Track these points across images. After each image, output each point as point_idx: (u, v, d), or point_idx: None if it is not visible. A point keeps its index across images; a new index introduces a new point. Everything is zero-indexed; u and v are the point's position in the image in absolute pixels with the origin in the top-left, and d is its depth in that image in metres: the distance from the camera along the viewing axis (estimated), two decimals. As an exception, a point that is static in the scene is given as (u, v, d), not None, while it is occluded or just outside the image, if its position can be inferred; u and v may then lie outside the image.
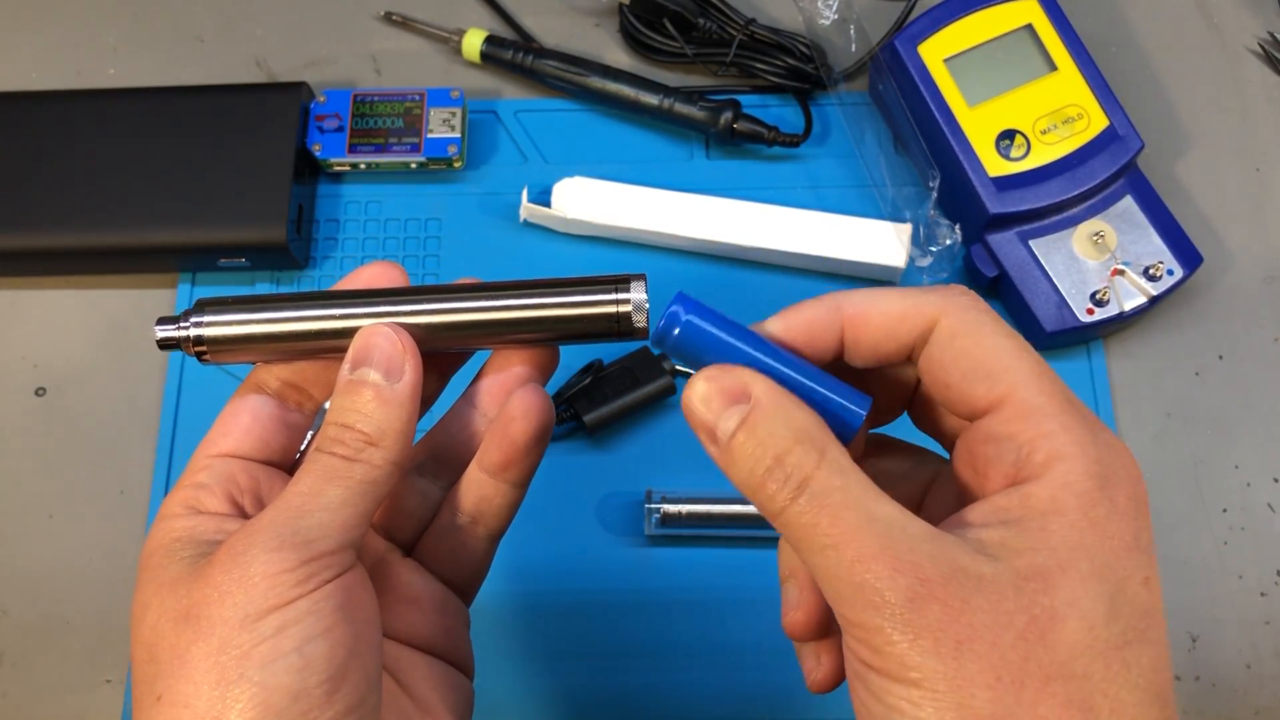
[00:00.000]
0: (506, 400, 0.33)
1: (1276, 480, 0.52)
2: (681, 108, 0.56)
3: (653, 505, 0.49)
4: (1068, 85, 0.52)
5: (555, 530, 0.51)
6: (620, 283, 0.31)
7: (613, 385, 0.51)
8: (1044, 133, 0.52)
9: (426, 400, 0.34)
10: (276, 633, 0.27)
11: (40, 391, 0.55)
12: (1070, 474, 0.26)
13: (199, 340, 0.32)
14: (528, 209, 0.55)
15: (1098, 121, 0.52)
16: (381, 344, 0.31)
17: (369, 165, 0.56)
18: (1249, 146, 0.58)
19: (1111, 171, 0.51)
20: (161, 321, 0.32)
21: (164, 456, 0.52)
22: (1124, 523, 0.25)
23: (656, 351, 0.52)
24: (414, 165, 0.56)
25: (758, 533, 0.50)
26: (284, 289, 0.55)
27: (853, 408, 0.28)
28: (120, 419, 0.54)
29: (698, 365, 0.29)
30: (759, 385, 0.27)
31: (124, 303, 0.56)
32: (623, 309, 0.31)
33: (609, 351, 0.52)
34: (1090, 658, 0.24)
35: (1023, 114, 0.52)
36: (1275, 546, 0.51)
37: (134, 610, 0.29)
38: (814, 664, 0.32)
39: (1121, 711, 0.24)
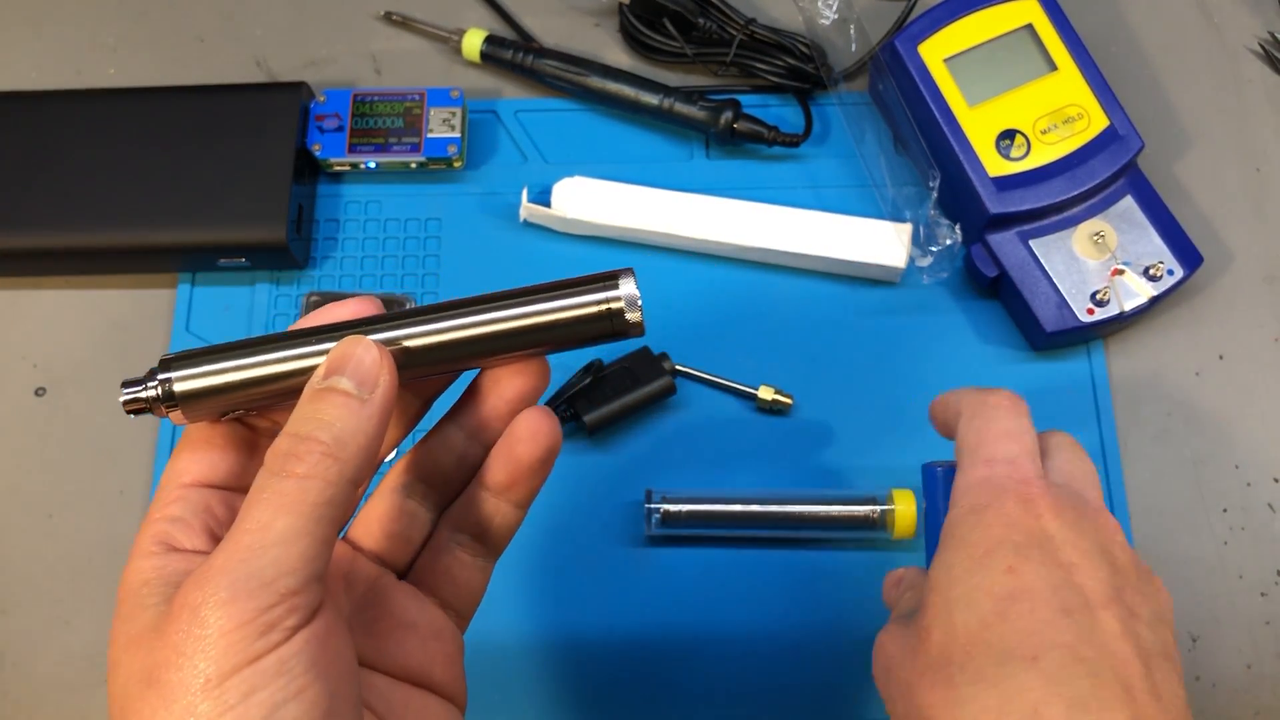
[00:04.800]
0: (510, 421, 0.32)
1: (1277, 480, 0.52)
2: (681, 107, 0.56)
3: (653, 505, 0.49)
4: (1068, 85, 0.52)
5: (554, 530, 0.51)
6: (608, 279, 0.30)
7: (613, 385, 0.51)
8: (1044, 132, 0.52)
9: (409, 424, 0.33)
10: (243, 700, 0.24)
11: (40, 391, 0.55)
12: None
13: (169, 396, 0.29)
14: (528, 209, 0.55)
15: (1098, 121, 0.52)
16: (358, 353, 0.28)
17: (369, 165, 0.56)
18: (1249, 146, 0.58)
19: (1112, 171, 0.51)
20: (126, 385, 0.30)
21: (164, 456, 0.52)
22: None
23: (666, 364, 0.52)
24: (414, 165, 0.56)
25: (759, 532, 0.50)
26: (283, 289, 0.55)
27: None
28: (120, 419, 0.54)
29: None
30: None
31: (124, 303, 0.56)
32: (614, 305, 0.30)
33: (609, 351, 0.52)
34: None
35: (1023, 114, 0.52)
36: (1275, 546, 0.51)
37: (109, 660, 0.27)
38: None
39: None
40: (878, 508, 0.49)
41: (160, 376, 0.29)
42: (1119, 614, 0.31)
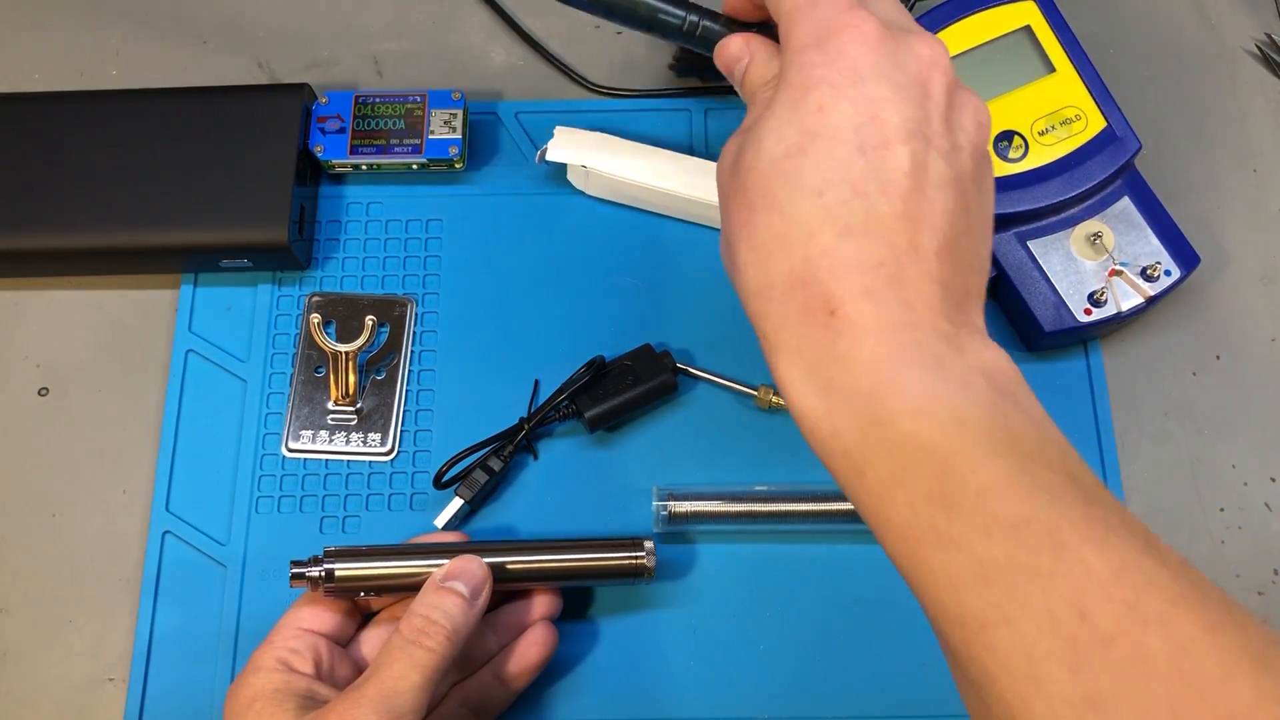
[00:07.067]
0: (528, 629, 0.46)
1: (1273, 480, 0.52)
2: (709, 25, 0.42)
3: (660, 503, 0.49)
4: (1066, 86, 0.52)
5: (554, 526, 0.51)
6: (635, 544, 0.46)
7: (614, 382, 0.51)
8: (1042, 134, 0.52)
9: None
10: None
11: (43, 391, 0.55)
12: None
13: (329, 578, 0.43)
14: (554, 149, 0.55)
15: (1095, 123, 0.52)
16: (473, 568, 0.43)
17: (370, 166, 0.56)
18: (1246, 148, 0.58)
19: (1109, 172, 0.52)
20: (295, 564, 0.43)
21: (166, 456, 0.53)
22: None
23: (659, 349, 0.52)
24: (415, 166, 0.56)
25: (768, 528, 0.50)
26: (285, 289, 0.56)
27: None
28: (122, 419, 0.54)
29: None
30: None
31: (126, 303, 0.56)
32: (645, 562, 0.46)
33: (610, 348, 0.53)
34: None
35: (1021, 115, 0.52)
36: (1272, 545, 0.51)
37: None
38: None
39: None
40: None
41: (326, 566, 0.43)
42: (915, 149, 0.32)
